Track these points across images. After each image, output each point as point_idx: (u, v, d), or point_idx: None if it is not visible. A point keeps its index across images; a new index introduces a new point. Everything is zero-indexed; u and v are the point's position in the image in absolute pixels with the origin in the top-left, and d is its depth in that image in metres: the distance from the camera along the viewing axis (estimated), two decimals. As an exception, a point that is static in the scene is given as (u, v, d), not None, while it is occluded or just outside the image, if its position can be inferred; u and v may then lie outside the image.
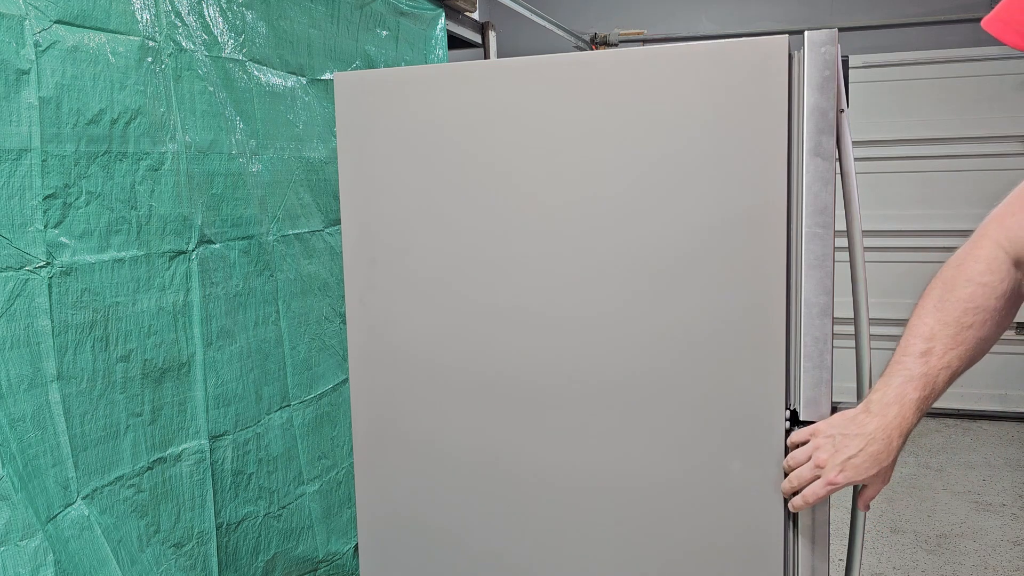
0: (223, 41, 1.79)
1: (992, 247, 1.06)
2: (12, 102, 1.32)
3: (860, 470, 1.10)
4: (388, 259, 1.44)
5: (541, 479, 1.40)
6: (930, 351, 1.07)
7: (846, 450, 1.10)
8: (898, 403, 1.08)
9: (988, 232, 1.07)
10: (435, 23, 2.72)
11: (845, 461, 1.10)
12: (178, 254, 1.66)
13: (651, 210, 1.30)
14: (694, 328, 1.30)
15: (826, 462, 1.12)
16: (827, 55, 1.21)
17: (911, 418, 1.08)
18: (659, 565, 1.36)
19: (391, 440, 1.48)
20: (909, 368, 1.08)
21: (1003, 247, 1.05)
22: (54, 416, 1.39)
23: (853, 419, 1.12)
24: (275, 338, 1.96)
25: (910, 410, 1.07)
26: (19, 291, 1.33)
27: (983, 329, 1.06)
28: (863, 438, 1.09)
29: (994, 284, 1.05)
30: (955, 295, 1.06)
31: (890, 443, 1.08)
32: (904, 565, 3.02)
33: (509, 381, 1.40)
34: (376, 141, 1.42)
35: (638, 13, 5.27)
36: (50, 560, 1.32)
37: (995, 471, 3.90)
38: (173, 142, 1.64)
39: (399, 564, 1.51)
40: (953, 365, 1.07)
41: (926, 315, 1.08)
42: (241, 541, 1.83)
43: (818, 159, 1.23)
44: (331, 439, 2.17)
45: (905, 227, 4.62)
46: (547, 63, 1.33)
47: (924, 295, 1.11)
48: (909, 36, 4.82)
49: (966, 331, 1.06)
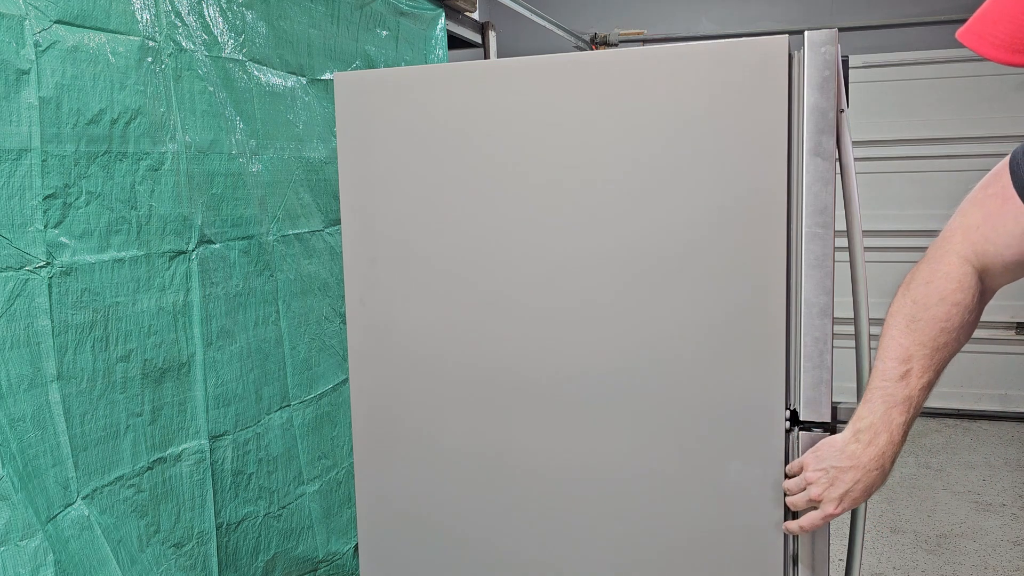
0: (223, 41, 1.79)
1: (959, 263, 1.05)
2: (12, 102, 1.32)
3: (857, 500, 1.11)
4: (388, 258, 1.44)
5: (541, 480, 1.40)
6: (908, 373, 1.06)
7: (842, 484, 1.10)
8: (887, 430, 1.07)
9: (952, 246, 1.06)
10: (435, 23, 2.72)
11: (843, 495, 1.10)
12: (178, 254, 1.66)
13: (651, 210, 1.30)
14: (694, 328, 1.30)
15: (822, 496, 1.12)
16: (827, 55, 1.21)
17: (899, 441, 1.08)
18: (659, 564, 1.36)
19: (391, 440, 1.48)
20: (892, 393, 1.07)
21: (970, 261, 1.05)
22: (54, 416, 1.39)
23: (843, 450, 1.11)
24: (275, 338, 1.96)
25: (898, 434, 1.07)
26: (19, 291, 1.33)
27: (955, 346, 1.07)
28: (858, 470, 1.09)
29: (967, 303, 1.04)
30: (929, 314, 1.05)
31: (883, 470, 1.09)
32: (904, 565, 3.02)
33: (509, 380, 1.39)
34: (376, 141, 1.42)
35: (638, 13, 5.27)
36: (50, 560, 1.32)
37: (995, 471, 3.90)
38: (173, 142, 1.64)
39: (399, 564, 1.50)
40: (931, 383, 1.07)
41: (899, 335, 1.07)
42: (241, 541, 1.83)
43: (818, 159, 1.23)
44: (331, 439, 2.17)
45: (905, 227, 4.61)
46: (547, 63, 1.33)
47: (893, 311, 1.09)
48: (909, 36, 4.81)
49: (941, 351, 1.06)
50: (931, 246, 1.09)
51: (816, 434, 1.27)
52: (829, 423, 1.29)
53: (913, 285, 1.08)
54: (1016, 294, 4.59)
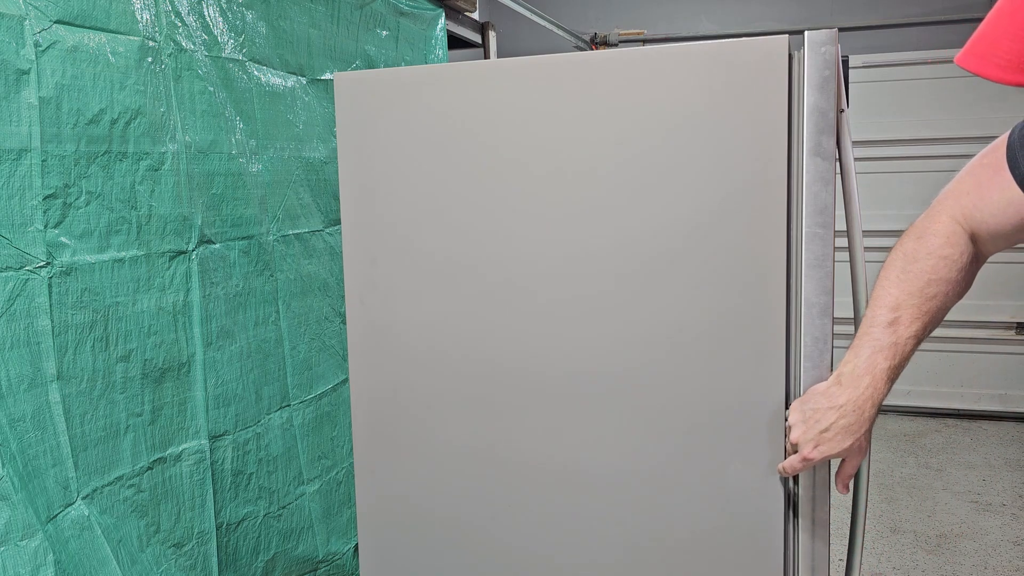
0: (223, 41, 1.79)
1: (949, 222, 1.09)
2: (12, 102, 1.32)
3: (834, 443, 1.11)
4: (388, 259, 1.44)
5: (542, 479, 1.40)
6: (897, 320, 1.08)
7: (818, 425, 1.12)
8: (869, 373, 1.09)
9: (945, 207, 1.10)
10: (435, 23, 2.72)
11: (819, 435, 1.12)
12: (178, 254, 1.66)
13: (651, 211, 1.30)
14: (695, 327, 1.30)
15: (800, 438, 1.14)
16: (827, 55, 1.21)
17: (882, 388, 1.09)
18: (660, 564, 1.36)
19: (391, 440, 1.48)
20: (878, 338, 1.09)
21: (959, 223, 1.09)
22: (54, 416, 1.39)
23: (824, 392, 1.13)
24: (275, 338, 1.96)
25: (881, 380, 1.08)
26: (19, 291, 1.33)
27: (944, 299, 1.09)
28: (835, 411, 1.10)
29: (955, 257, 1.07)
30: (917, 267, 1.09)
31: (862, 414, 1.09)
32: (904, 565, 3.02)
33: (508, 380, 1.40)
34: (376, 141, 1.42)
35: (638, 13, 5.27)
36: (50, 560, 1.32)
37: (995, 471, 3.90)
38: (173, 142, 1.64)
39: (399, 564, 1.50)
40: (919, 334, 1.09)
41: (890, 286, 1.10)
42: (241, 541, 1.83)
43: (818, 159, 1.23)
44: (331, 439, 2.17)
45: (905, 227, 4.60)
46: (547, 63, 1.33)
47: (886, 266, 1.13)
48: (909, 36, 4.82)
49: (930, 301, 1.08)
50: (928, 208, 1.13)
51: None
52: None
53: (905, 240, 1.12)
54: (1016, 294, 4.59)
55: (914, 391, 4.76)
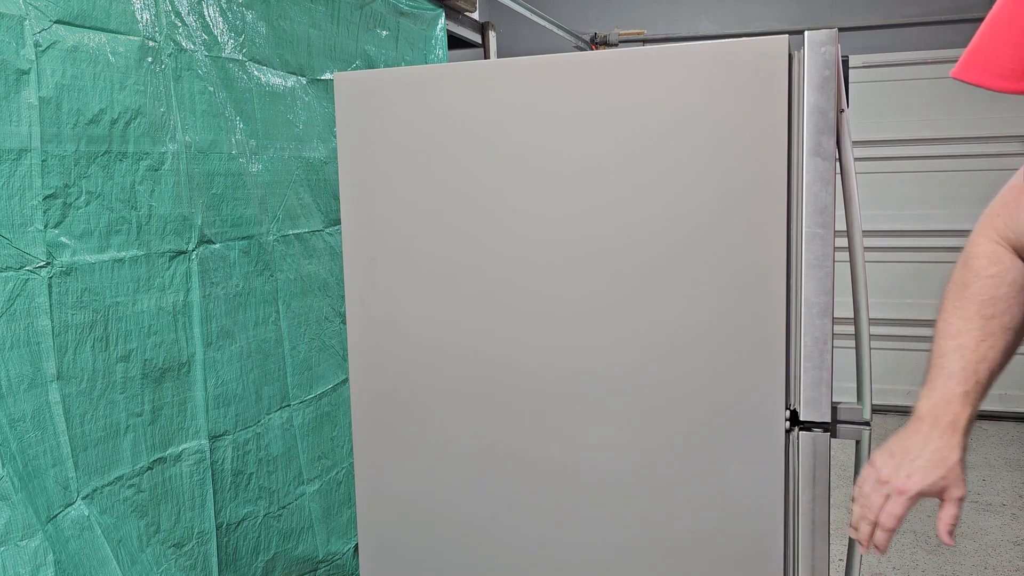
0: (223, 41, 1.79)
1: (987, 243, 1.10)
2: (12, 102, 1.32)
3: (927, 472, 1.08)
4: (388, 258, 1.44)
5: (542, 479, 1.40)
6: (963, 346, 1.08)
7: (907, 456, 1.09)
8: (945, 401, 1.08)
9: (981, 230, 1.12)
10: (435, 23, 2.72)
11: (910, 465, 1.09)
12: (178, 254, 1.66)
13: (651, 211, 1.30)
14: (695, 327, 1.30)
15: (891, 476, 1.10)
16: (827, 55, 1.21)
17: (961, 412, 1.08)
18: (660, 564, 1.36)
19: (391, 439, 1.48)
20: (946, 367, 1.09)
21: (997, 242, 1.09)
22: (54, 416, 1.39)
23: (904, 433, 1.11)
24: (275, 338, 1.96)
25: (958, 404, 1.08)
26: (19, 291, 1.33)
27: (1006, 316, 1.08)
28: (920, 440, 1.09)
29: (1001, 274, 1.08)
30: (968, 292, 1.09)
31: (949, 440, 1.08)
32: (904, 565, 3.02)
33: (508, 380, 1.40)
34: (376, 141, 1.42)
35: (638, 13, 5.27)
36: (50, 560, 1.32)
37: (995, 471, 3.90)
38: (173, 142, 1.64)
39: (399, 564, 1.51)
40: (989, 356, 1.08)
41: (950, 316, 1.11)
42: (241, 541, 1.83)
43: (818, 159, 1.23)
44: (331, 439, 2.17)
45: (905, 227, 4.61)
46: (547, 63, 1.33)
47: (943, 301, 1.13)
48: (909, 36, 4.81)
49: (990, 321, 1.08)
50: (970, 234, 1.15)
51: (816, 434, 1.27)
52: (829, 423, 1.29)
53: (954, 271, 1.13)
54: (1016, 294, 4.58)
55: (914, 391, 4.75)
